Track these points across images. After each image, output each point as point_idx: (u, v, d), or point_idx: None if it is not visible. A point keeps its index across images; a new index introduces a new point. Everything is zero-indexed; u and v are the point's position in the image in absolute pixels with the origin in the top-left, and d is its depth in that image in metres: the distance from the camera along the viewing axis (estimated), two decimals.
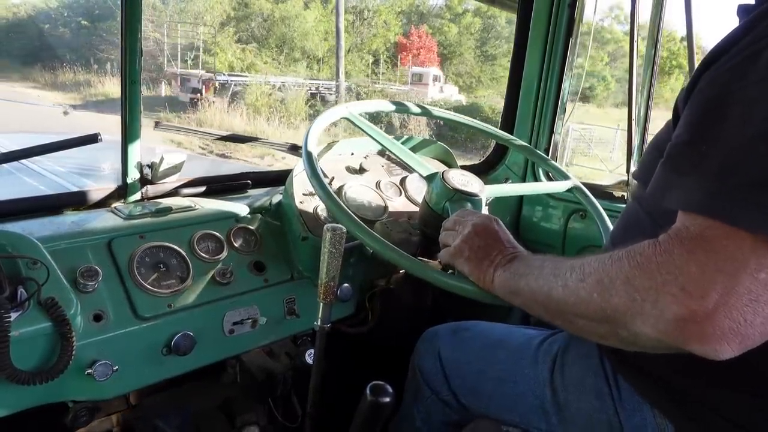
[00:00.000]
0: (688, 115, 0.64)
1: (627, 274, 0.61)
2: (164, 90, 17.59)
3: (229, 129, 12.97)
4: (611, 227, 1.33)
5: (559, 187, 1.47)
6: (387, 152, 1.58)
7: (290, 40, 20.31)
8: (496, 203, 1.37)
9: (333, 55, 20.88)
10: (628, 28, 1.74)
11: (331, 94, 18.63)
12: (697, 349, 0.56)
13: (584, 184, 1.52)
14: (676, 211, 0.63)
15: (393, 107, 1.46)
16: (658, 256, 0.58)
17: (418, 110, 1.49)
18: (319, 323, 1.01)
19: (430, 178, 1.22)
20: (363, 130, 1.25)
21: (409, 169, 1.51)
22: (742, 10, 0.74)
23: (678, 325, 0.55)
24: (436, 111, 1.56)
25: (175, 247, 1.13)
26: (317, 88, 18.79)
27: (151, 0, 18.69)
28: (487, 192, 1.24)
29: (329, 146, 1.52)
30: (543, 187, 1.55)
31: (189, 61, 18.42)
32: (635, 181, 0.93)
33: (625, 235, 0.94)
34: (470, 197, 1.19)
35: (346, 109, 1.25)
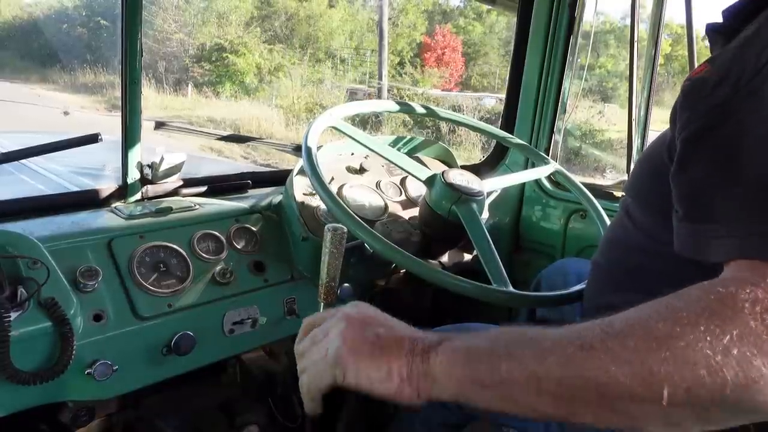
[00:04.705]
0: (696, 153, 0.59)
1: (742, 333, 0.46)
2: (191, 92, 17.37)
3: (268, 134, 12.56)
4: None
5: (541, 172, 1.55)
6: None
7: (315, 39, 20.02)
8: (497, 204, 1.37)
9: (358, 56, 20.61)
10: (649, 26, 1.73)
11: (372, 96, 17.73)
12: None
13: (585, 184, 1.52)
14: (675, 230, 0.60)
15: (392, 107, 1.46)
16: None
17: (421, 110, 1.49)
18: None
19: (429, 181, 1.22)
20: (351, 137, 1.22)
21: None
22: (713, 35, 0.73)
23: None
24: (436, 111, 1.56)
25: (175, 247, 1.13)
26: (356, 90, 18.06)
27: (174, 0, 18.54)
28: (486, 186, 1.24)
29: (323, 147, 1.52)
30: (534, 173, 1.57)
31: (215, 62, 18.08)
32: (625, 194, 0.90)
33: (613, 250, 0.92)
34: (474, 197, 1.19)
35: (330, 116, 1.22)
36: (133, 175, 1.31)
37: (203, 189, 1.42)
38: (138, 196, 1.33)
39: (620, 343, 0.50)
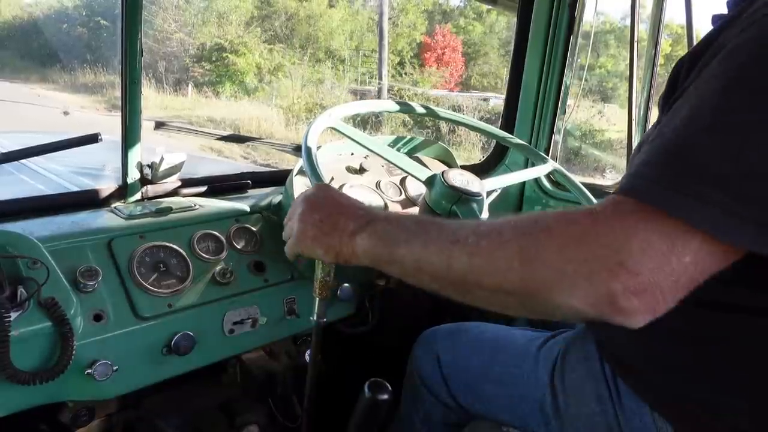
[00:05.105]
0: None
1: (559, 244, 0.59)
2: (191, 92, 17.32)
3: (268, 134, 12.53)
4: None
5: (540, 171, 1.55)
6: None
7: (315, 39, 19.97)
8: (497, 204, 1.37)
9: (358, 56, 20.59)
10: (650, 26, 1.73)
11: (372, 95, 17.69)
12: (618, 321, 0.58)
13: (584, 183, 1.52)
14: None
15: (392, 108, 1.46)
16: (599, 229, 0.58)
17: (421, 110, 1.49)
18: (315, 318, 1.00)
19: (429, 181, 1.22)
20: (350, 137, 1.21)
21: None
22: (716, 20, 0.75)
23: (610, 299, 0.56)
24: (436, 111, 1.56)
25: (175, 247, 1.13)
26: (365, 92, 18.10)
27: (174, 0, 18.51)
28: (486, 186, 1.25)
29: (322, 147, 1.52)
30: (533, 172, 1.57)
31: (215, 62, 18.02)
32: None
33: None
34: (474, 197, 1.19)
35: (329, 117, 1.22)
36: (133, 175, 1.31)
37: (203, 189, 1.42)
38: (138, 196, 1.33)
39: (477, 242, 0.65)
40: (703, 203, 0.54)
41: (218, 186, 1.47)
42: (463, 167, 1.68)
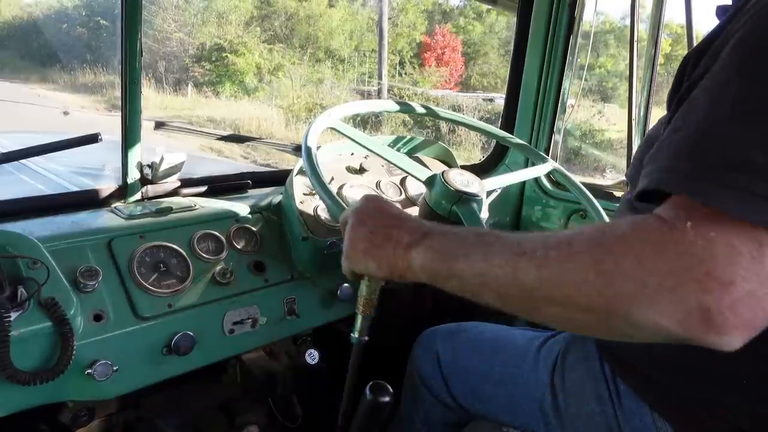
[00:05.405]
0: (672, 114, 0.63)
1: (637, 255, 0.53)
2: (191, 92, 17.30)
3: (268, 134, 12.50)
4: None
5: (540, 170, 1.53)
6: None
7: (314, 39, 19.94)
8: (497, 204, 1.38)
9: (358, 56, 20.58)
10: (649, 26, 1.73)
11: (374, 95, 17.67)
12: (712, 341, 0.51)
13: (584, 183, 1.52)
14: None
15: (392, 107, 1.46)
16: (675, 237, 0.52)
17: (421, 110, 1.49)
18: (356, 335, 0.96)
19: (429, 181, 1.22)
20: (350, 137, 1.21)
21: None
22: (721, 11, 0.75)
23: (702, 314, 0.50)
24: (436, 110, 1.56)
25: (176, 247, 1.13)
26: (364, 91, 17.97)
27: (174, 0, 18.50)
28: (486, 186, 1.25)
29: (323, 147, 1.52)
30: (532, 172, 1.56)
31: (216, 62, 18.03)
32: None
33: None
34: (474, 197, 1.19)
35: (329, 117, 1.21)
36: (133, 175, 1.31)
37: (203, 189, 1.42)
38: (138, 196, 1.33)
39: (545, 253, 0.59)
40: (748, 194, 0.50)
41: (218, 186, 1.47)
42: (463, 167, 1.68)
